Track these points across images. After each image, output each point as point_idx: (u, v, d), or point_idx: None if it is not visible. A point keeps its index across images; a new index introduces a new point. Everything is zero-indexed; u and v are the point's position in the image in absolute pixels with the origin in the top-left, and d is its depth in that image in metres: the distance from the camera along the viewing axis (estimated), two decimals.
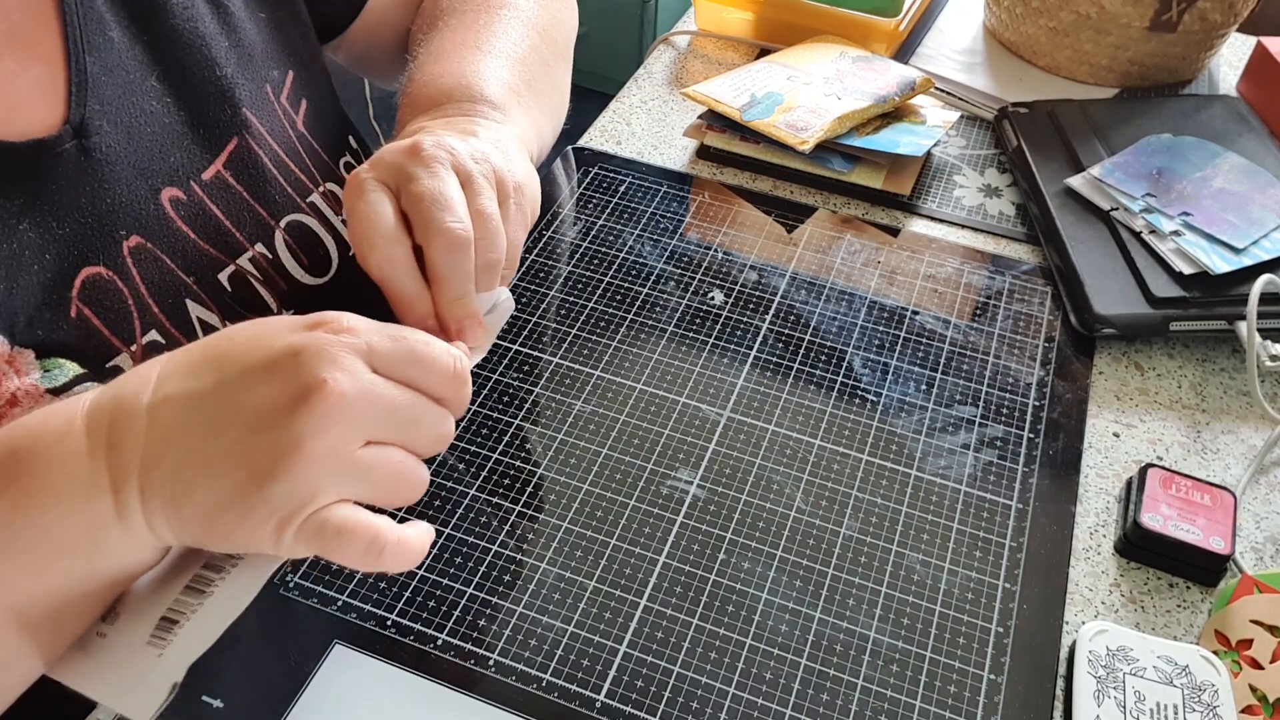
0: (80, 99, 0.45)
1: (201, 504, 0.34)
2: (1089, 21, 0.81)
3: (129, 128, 0.48)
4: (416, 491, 0.37)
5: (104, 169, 0.46)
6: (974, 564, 0.51)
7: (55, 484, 0.34)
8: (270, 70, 0.56)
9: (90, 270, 0.46)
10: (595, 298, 0.65)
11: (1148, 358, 0.63)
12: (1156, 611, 0.50)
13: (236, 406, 0.34)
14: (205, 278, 0.51)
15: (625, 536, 0.51)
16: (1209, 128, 0.75)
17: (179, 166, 0.50)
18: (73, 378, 0.45)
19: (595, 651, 0.47)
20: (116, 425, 0.34)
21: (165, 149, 0.49)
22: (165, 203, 0.49)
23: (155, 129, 0.49)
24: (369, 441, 0.35)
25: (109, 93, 0.47)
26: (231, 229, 0.53)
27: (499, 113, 0.53)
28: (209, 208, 0.51)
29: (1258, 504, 0.55)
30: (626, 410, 0.58)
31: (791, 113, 0.74)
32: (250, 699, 0.44)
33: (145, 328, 0.48)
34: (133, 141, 0.48)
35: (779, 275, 0.67)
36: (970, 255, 0.69)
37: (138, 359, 0.47)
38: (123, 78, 0.48)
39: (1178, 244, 0.64)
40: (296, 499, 0.33)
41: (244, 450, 0.33)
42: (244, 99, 0.53)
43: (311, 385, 0.33)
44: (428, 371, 0.37)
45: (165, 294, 0.49)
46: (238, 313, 0.53)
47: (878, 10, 0.84)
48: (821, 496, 0.54)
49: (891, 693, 0.46)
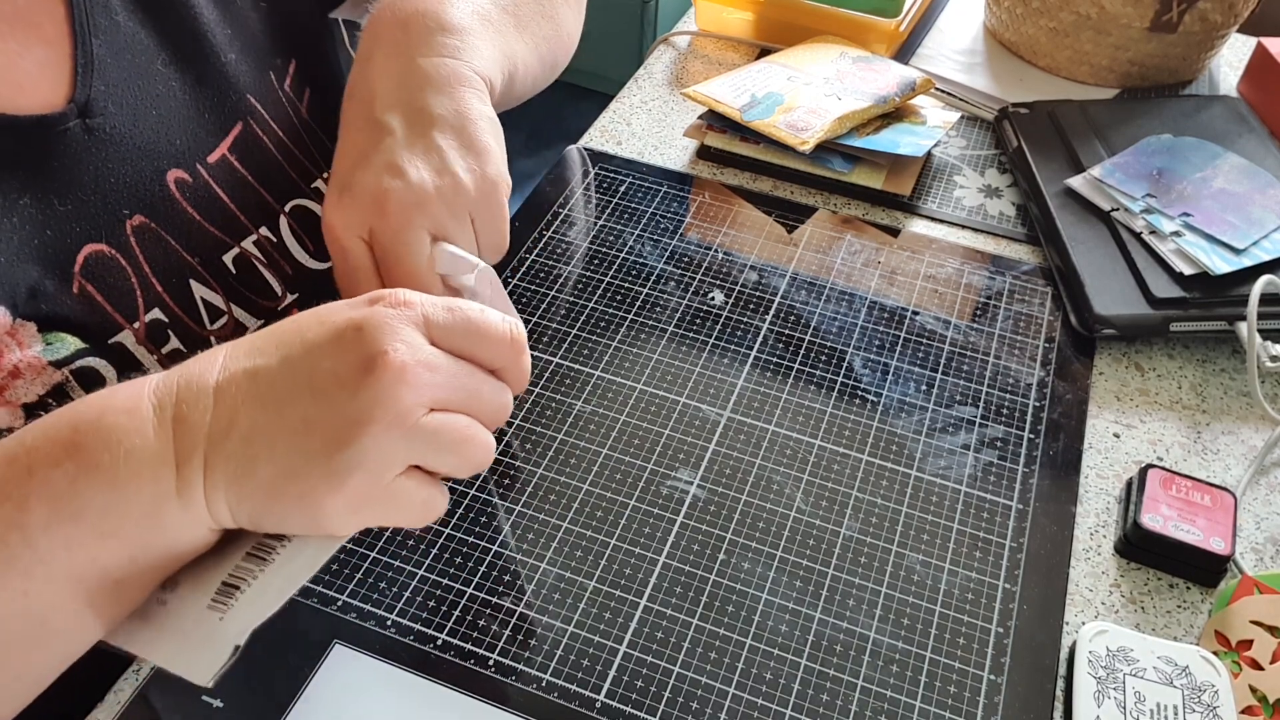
0: (86, 79, 0.46)
1: (267, 476, 0.34)
2: (1089, 22, 0.81)
3: (134, 109, 0.48)
4: (485, 456, 0.38)
5: (109, 148, 0.47)
6: (974, 564, 0.51)
7: (121, 456, 0.34)
8: (274, 59, 0.56)
9: (93, 247, 0.46)
10: (595, 298, 0.65)
11: (1148, 358, 0.63)
12: (1156, 612, 0.50)
13: (303, 380, 0.35)
14: (210, 259, 0.52)
15: (625, 536, 0.51)
16: (1209, 128, 0.75)
17: (185, 149, 0.51)
18: (74, 351, 0.45)
19: (595, 651, 0.47)
20: (183, 401, 0.35)
21: (171, 131, 0.50)
22: (170, 184, 0.50)
23: (161, 111, 0.49)
24: (433, 409, 0.36)
25: (115, 74, 0.47)
26: (236, 212, 0.53)
27: (457, 39, 0.50)
28: (214, 190, 0.52)
29: (1258, 504, 0.55)
30: (626, 410, 0.58)
31: (791, 113, 0.74)
32: (250, 699, 0.44)
33: (148, 305, 0.48)
34: (138, 123, 0.48)
35: (779, 275, 0.67)
36: (970, 255, 0.69)
37: (140, 336, 0.48)
38: (129, 60, 0.48)
39: (1178, 244, 0.64)
40: (366, 467, 0.34)
41: (312, 422, 0.34)
42: (248, 86, 0.54)
43: (374, 356, 0.34)
44: (483, 339, 0.38)
45: (169, 273, 0.50)
46: (242, 294, 0.53)
47: (878, 10, 0.84)
48: (821, 496, 0.54)
49: (891, 693, 0.46)
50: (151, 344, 0.49)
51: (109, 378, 0.47)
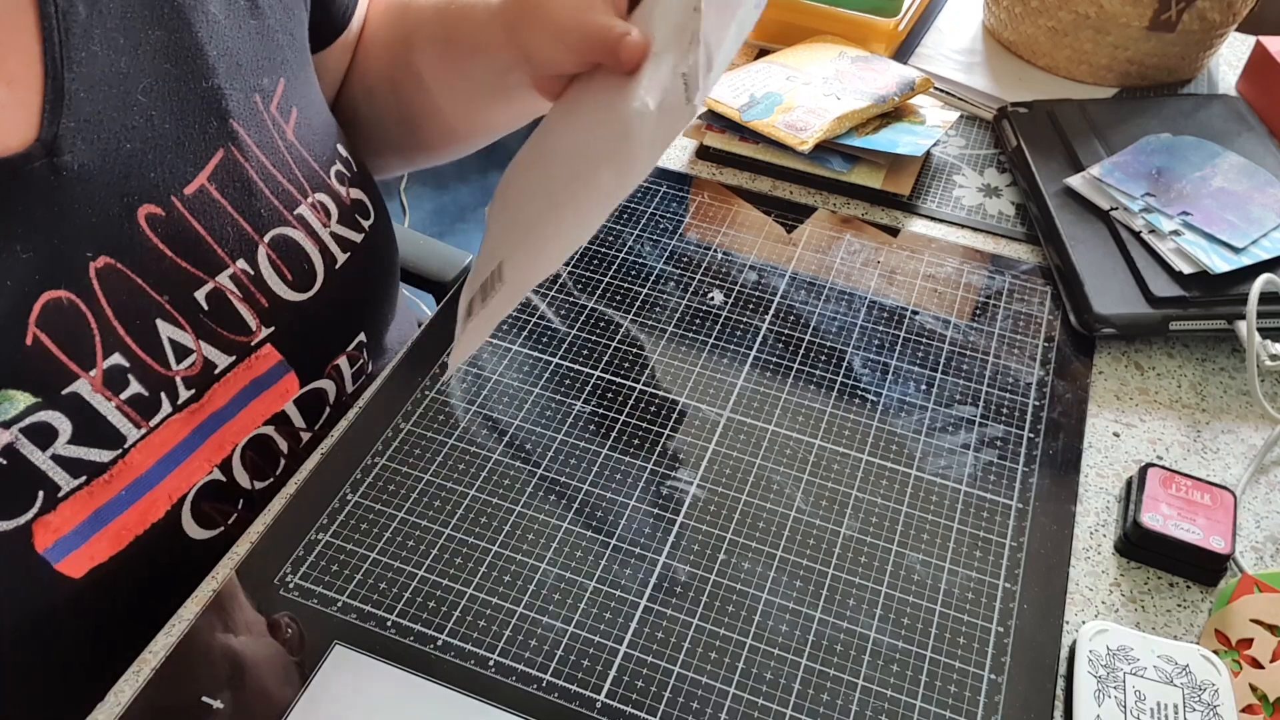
0: (54, 116, 0.44)
1: None
2: (1088, 21, 0.81)
3: (106, 144, 0.46)
4: None
5: (74, 187, 0.45)
6: (974, 564, 0.51)
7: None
8: (260, 79, 0.54)
9: (52, 294, 0.44)
10: (595, 298, 0.65)
11: (1148, 357, 0.63)
12: (1156, 611, 0.50)
13: None
14: (179, 296, 0.50)
15: (625, 536, 0.51)
16: (1208, 127, 0.75)
17: (159, 181, 0.49)
18: (24, 409, 0.43)
19: (595, 651, 0.47)
20: None
21: (145, 165, 0.48)
22: (141, 220, 0.48)
23: (136, 144, 0.48)
24: None
25: (88, 109, 0.46)
26: (213, 245, 0.51)
27: None
28: (189, 224, 0.50)
29: (1258, 503, 0.55)
30: (626, 410, 0.58)
31: (791, 113, 0.74)
32: (250, 699, 0.44)
33: (108, 350, 0.47)
34: (108, 158, 0.46)
35: (779, 275, 0.67)
36: (970, 255, 0.70)
37: (97, 385, 0.46)
38: (104, 93, 0.46)
39: (1177, 244, 0.64)
40: None
41: None
42: (232, 110, 0.52)
43: None
44: None
45: (133, 315, 0.48)
46: (212, 330, 0.51)
47: (877, 10, 0.84)
48: (821, 496, 0.54)
49: (891, 693, 0.46)
50: (109, 390, 0.47)
51: (62, 430, 0.45)
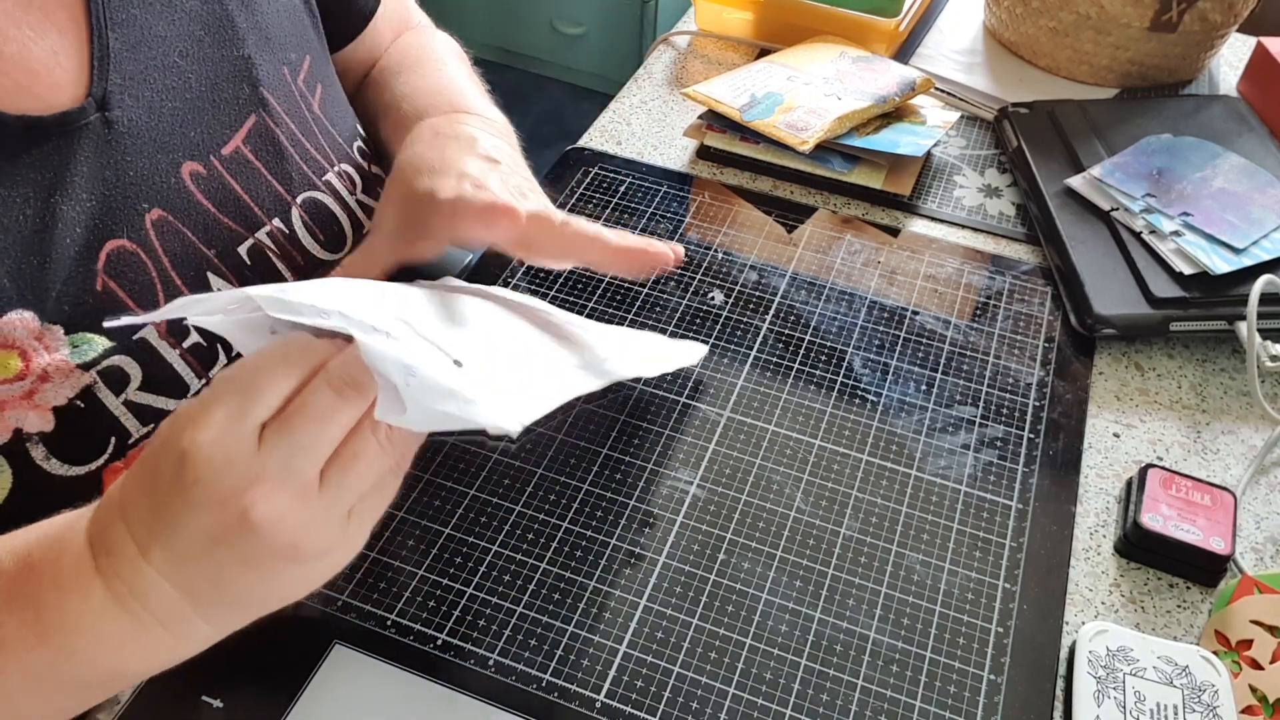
0: (103, 72, 0.46)
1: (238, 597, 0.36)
2: (1089, 22, 0.81)
3: (150, 102, 0.48)
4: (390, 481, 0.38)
5: (127, 141, 0.47)
6: (974, 564, 0.51)
7: None
8: (288, 53, 0.57)
9: (115, 243, 0.47)
10: (595, 298, 0.65)
11: (1148, 358, 0.63)
12: (1156, 612, 0.50)
13: None
14: (225, 250, 0.52)
15: (625, 537, 0.51)
16: (1209, 128, 0.75)
17: (199, 141, 0.51)
18: (102, 351, 0.46)
19: (595, 651, 0.47)
20: None
21: (185, 123, 0.50)
22: (186, 176, 0.50)
23: (176, 104, 0.50)
24: None
25: (131, 67, 0.48)
26: (250, 203, 0.54)
27: (481, 119, 0.60)
28: (228, 182, 0.52)
29: (1258, 504, 0.55)
30: (627, 410, 0.58)
31: (791, 113, 0.74)
32: (250, 699, 0.44)
33: (169, 299, 0.49)
34: (154, 115, 0.49)
35: (779, 275, 0.67)
36: (970, 255, 0.69)
37: (162, 331, 0.49)
38: (145, 53, 0.49)
39: (1178, 244, 0.64)
40: None
41: None
42: (262, 78, 0.54)
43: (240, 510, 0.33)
44: None
45: (187, 266, 0.50)
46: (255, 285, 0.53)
47: (878, 10, 0.84)
48: (821, 496, 0.54)
49: (891, 693, 0.46)
50: (173, 338, 0.49)
51: (134, 375, 0.47)
